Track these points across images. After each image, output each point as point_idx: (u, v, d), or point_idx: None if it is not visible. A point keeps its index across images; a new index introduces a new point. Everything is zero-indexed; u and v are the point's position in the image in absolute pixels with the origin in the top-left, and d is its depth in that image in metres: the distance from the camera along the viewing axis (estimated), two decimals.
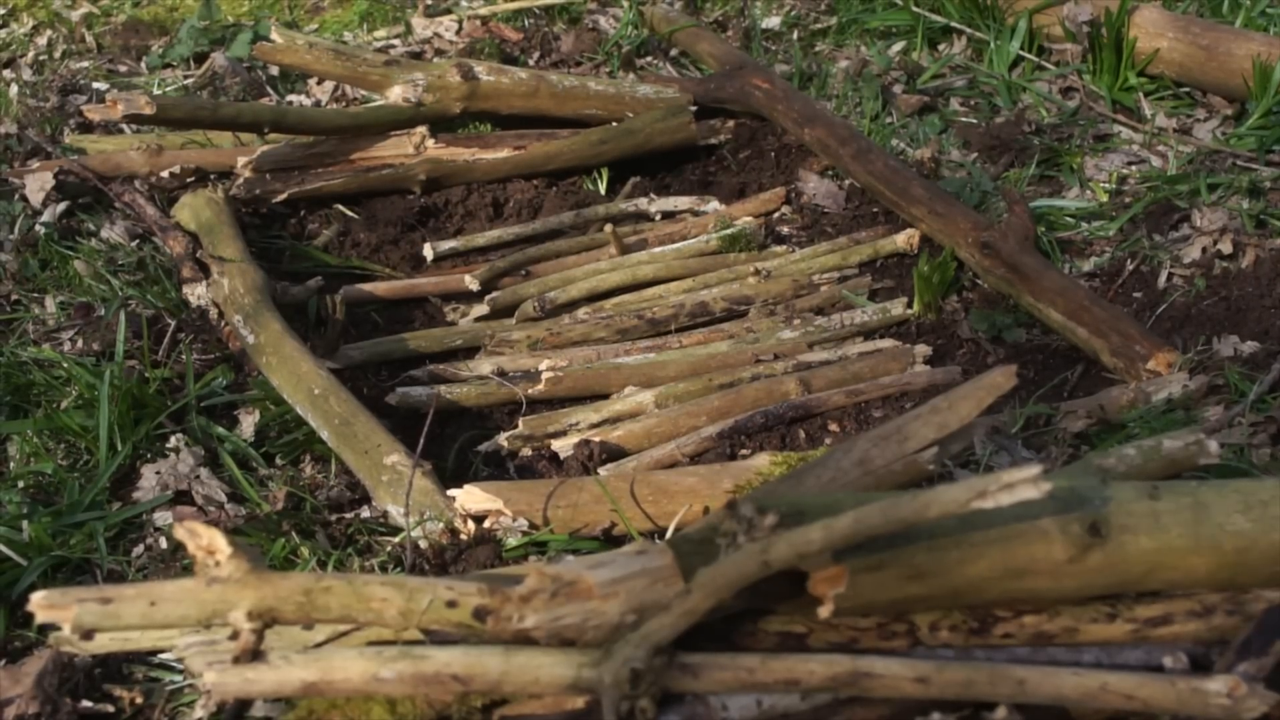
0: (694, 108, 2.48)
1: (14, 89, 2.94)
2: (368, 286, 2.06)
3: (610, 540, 1.40)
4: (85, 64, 3.15)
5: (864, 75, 2.70)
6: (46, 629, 1.26)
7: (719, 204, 2.30)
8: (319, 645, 1.04)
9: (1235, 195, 2.08)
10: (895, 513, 0.91)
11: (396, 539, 1.41)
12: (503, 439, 1.67)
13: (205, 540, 0.92)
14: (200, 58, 3.08)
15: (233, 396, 1.72)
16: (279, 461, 1.62)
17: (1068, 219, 2.14)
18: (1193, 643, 1.04)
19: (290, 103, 2.82)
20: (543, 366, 1.81)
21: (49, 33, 3.40)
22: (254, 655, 0.91)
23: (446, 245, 2.18)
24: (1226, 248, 1.92)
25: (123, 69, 3.12)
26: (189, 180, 2.26)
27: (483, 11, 3.27)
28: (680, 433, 1.64)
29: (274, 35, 2.35)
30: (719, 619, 1.00)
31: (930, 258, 1.95)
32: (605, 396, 1.76)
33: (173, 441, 1.61)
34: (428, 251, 2.17)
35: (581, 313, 1.98)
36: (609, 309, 2.00)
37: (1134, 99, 2.46)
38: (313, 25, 3.41)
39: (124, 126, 2.54)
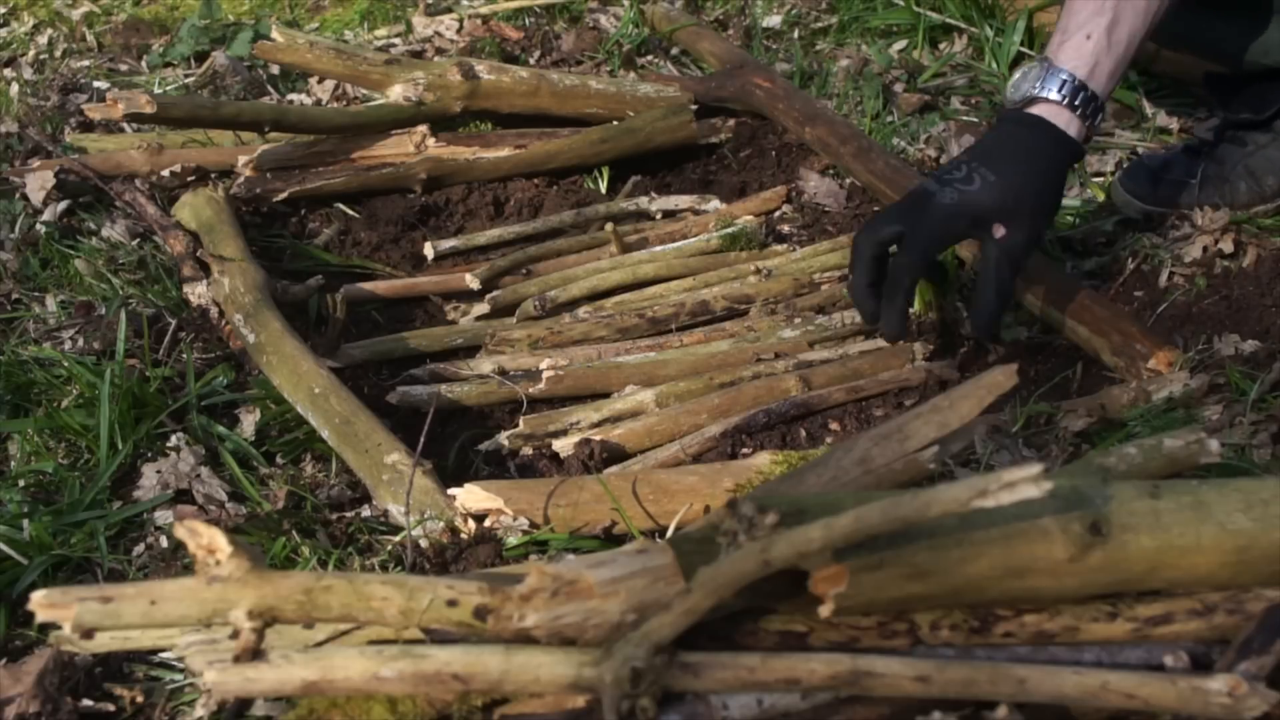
0: (695, 106, 2.48)
1: (14, 88, 2.94)
2: (368, 285, 2.06)
3: (611, 539, 1.40)
4: (86, 63, 3.15)
5: (865, 74, 2.70)
6: (47, 628, 1.26)
7: (720, 203, 2.30)
8: (320, 644, 1.04)
9: None
10: (896, 512, 0.91)
11: (397, 538, 1.41)
12: (503, 438, 1.67)
13: (206, 539, 0.91)
14: (201, 56, 3.09)
15: (233, 395, 1.72)
16: (280, 460, 1.62)
17: (1068, 217, 2.13)
18: (1194, 641, 1.04)
19: (291, 101, 2.82)
20: (543, 365, 1.81)
21: (49, 31, 3.41)
22: (254, 654, 0.91)
23: (447, 244, 2.18)
24: (1228, 247, 1.92)
25: (123, 68, 3.12)
26: (190, 179, 2.26)
27: (483, 10, 3.27)
28: (681, 431, 1.64)
29: (275, 34, 2.35)
30: (720, 618, 1.00)
31: None
32: (606, 395, 1.76)
33: (173, 440, 1.61)
34: (428, 250, 2.17)
35: (582, 311, 1.98)
36: (610, 308, 2.00)
37: (1135, 98, 2.46)
38: (313, 24, 3.41)
39: (125, 125, 2.54)
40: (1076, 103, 1.58)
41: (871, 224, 1.57)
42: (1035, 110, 1.60)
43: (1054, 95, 1.58)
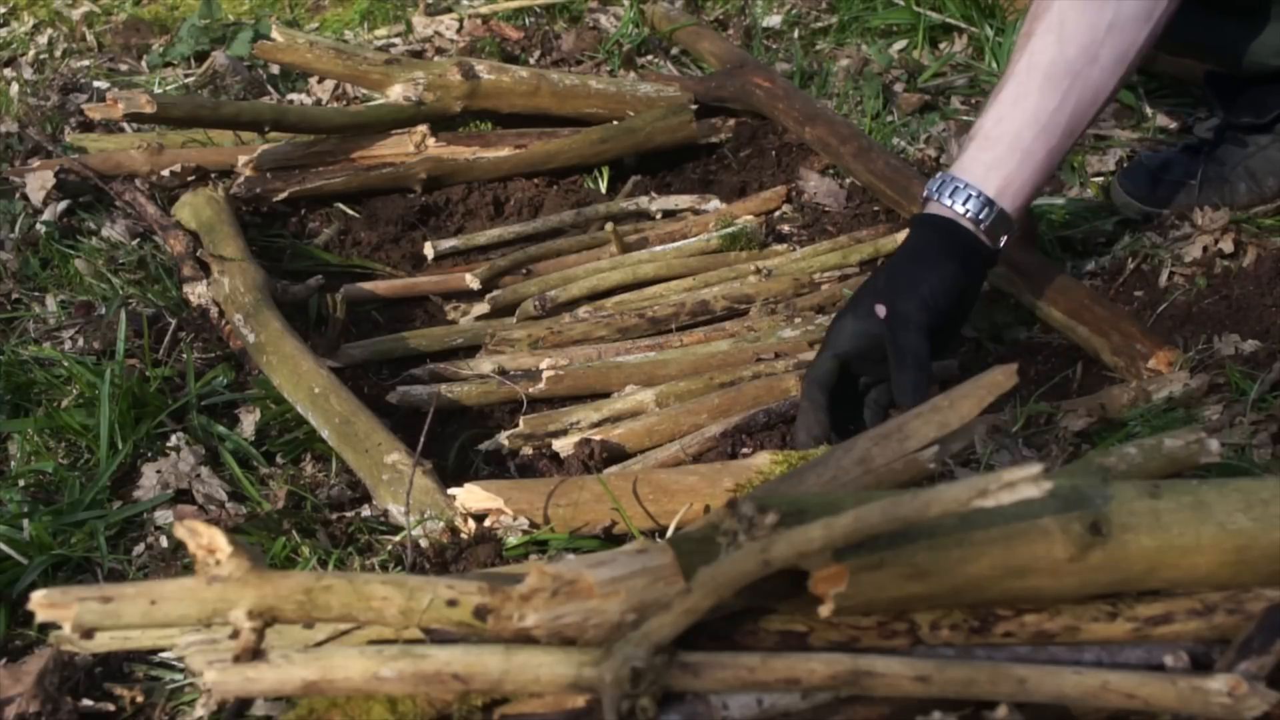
0: (695, 106, 2.48)
1: (14, 88, 2.94)
2: (368, 285, 2.06)
3: (611, 539, 1.40)
4: (86, 62, 3.15)
5: (865, 74, 2.70)
6: (47, 628, 1.26)
7: (720, 202, 2.30)
8: (320, 644, 1.04)
9: None
10: (896, 512, 0.91)
11: (397, 538, 1.41)
12: (503, 438, 1.67)
13: (206, 539, 0.91)
14: (201, 56, 3.09)
15: (233, 395, 1.72)
16: (280, 460, 1.62)
17: (1068, 217, 2.13)
18: (1194, 641, 1.04)
19: (291, 101, 2.82)
20: (543, 365, 1.81)
21: (49, 31, 3.41)
22: (254, 654, 0.91)
23: (447, 244, 2.18)
24: (1228, 246, 1.92)
25: (123, 67, 3.12)
26: (190, 179, 2.26)
27: (483, 10, 3.27)
28: (681, 431, 1.64)
29: (275, 34, 2.35)
30: (720, 618, 1.00)
31: None
32: (606, 395, 1.76)
33: (173, 440, 1.61)
34: (428, 250, 2.17)
35: (582, 311, 1.98)
36: (610, 307, 2.00)
37: (1134, 97, 2.46)
38: (313, 24, 3.41)
39: (125, 125, 2.54)
40: (967, 205, 1.58)
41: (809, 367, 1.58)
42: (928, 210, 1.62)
43: (952, 202, 1.58)
